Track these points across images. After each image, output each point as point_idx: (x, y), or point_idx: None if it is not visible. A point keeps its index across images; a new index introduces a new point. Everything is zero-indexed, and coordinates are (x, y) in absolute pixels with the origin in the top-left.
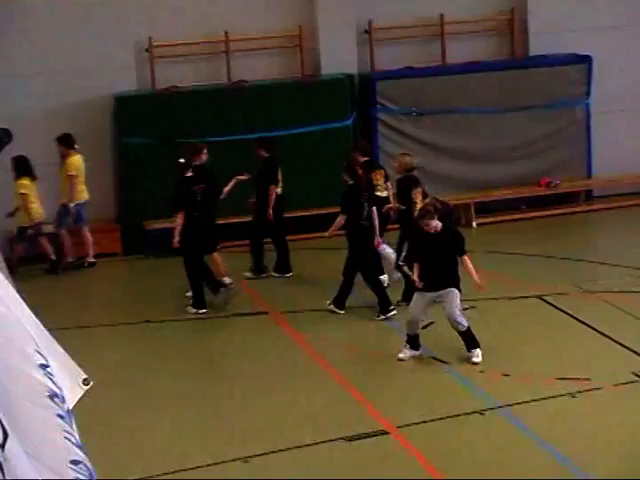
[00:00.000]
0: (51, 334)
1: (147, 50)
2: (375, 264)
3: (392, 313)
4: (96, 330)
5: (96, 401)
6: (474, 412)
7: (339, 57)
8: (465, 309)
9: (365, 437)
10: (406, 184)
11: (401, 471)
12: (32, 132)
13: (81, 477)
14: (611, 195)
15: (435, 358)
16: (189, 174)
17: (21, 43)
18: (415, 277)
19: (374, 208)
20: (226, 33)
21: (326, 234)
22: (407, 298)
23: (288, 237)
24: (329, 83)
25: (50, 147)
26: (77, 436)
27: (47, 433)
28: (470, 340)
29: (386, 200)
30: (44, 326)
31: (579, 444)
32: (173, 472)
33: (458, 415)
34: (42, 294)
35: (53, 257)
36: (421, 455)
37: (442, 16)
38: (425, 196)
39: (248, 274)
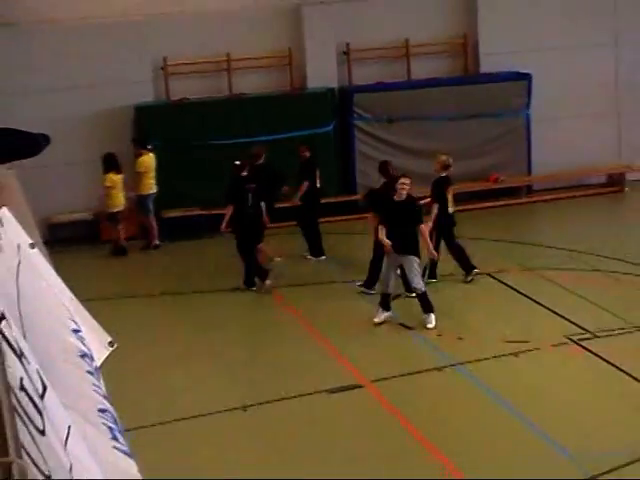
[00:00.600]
0: (83, 304)
1: (162, 68)
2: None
3: (372, 292)
4: (121, 301)
5: (119, 360)
6: (434, 369)
7: (322, 73)
8: (428, 283)
9: (344, 390)
10: (442, 183)
11: (374, 418)
12: (65, 137)
13: (107, 422)
14: (548, 189)
15: (402, 324)
16: (244, 174)
17: (56, 62)
18: (383, 239)
19: None
20: (228, 54)
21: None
22: (408, 289)
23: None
24: (314, 95)
25: (80, 148)
26: (104, 388)
27: (79, 386)
28: (425, 304)
29: None
30: (83, 297)
31: (521, 393)
32: (183, 418)
33: (421, 371)
34: (85, 270)
35: (123, 243)
36: (390, 405)
37: (407, 40)
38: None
39: (308, 256)
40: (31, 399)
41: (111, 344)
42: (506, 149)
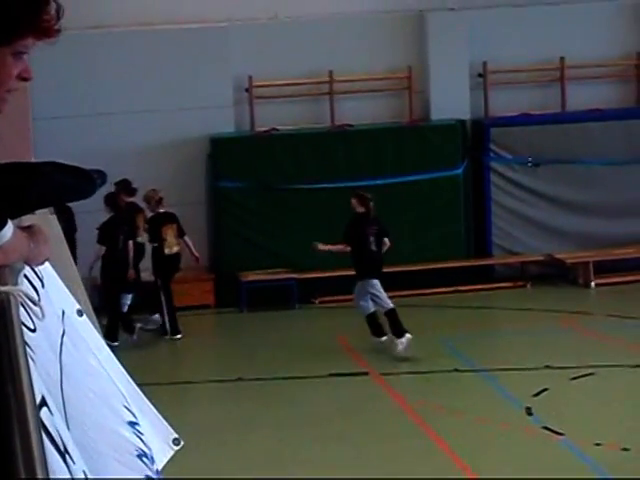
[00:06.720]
0: (140, 390)
1: (247, 89)
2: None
3: (115, 344)
4: (186, 387)
5: (186, 463)
6: None
7: (450, 101)
8: (582, 376)
9: None
10: (158, 221)
11: None
12: (123, 173)
13: None
14: None
15: (547, 428)
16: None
17: (115, 80)
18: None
19: (130, 242)
20: (330, 73)
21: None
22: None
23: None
24: (439, 129)
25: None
26: None
27: None
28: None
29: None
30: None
31: None
32: None
33: None
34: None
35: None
36: None
37: (562, 59)
38: (182, 234)
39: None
40: None
41: (176, 442)
42: None
